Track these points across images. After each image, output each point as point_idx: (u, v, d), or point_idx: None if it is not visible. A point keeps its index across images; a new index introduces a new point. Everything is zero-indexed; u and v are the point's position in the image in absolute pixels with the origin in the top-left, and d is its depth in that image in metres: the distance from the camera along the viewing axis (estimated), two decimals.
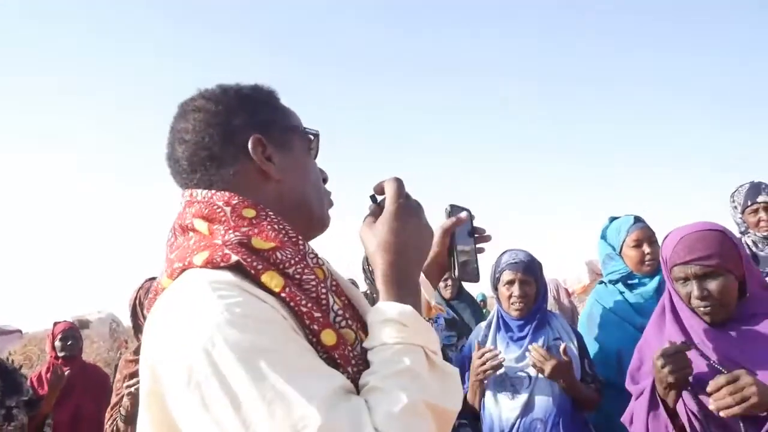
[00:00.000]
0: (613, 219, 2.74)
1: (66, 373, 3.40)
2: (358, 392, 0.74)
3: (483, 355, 2.29)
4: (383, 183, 0.94)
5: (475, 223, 1.33)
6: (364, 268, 2.93)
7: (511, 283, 2.38)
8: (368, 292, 2.93)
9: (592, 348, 2.51)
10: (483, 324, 2.56)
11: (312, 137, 1.03)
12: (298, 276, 0.81)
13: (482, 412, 2.35)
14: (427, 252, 0.92)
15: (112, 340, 10.17)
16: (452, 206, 1.31)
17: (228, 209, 0.87)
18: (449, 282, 3.88)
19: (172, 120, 0.97)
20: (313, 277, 0.83)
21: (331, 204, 1.05)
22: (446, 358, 2.65)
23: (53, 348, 3.81)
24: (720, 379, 1.42)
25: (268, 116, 0.96)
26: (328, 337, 0.77)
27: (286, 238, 0.86)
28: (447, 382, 0.77)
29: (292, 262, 0.82)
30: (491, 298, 6.97)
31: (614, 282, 2.62)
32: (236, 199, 0.88)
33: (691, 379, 1.54)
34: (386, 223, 0.87)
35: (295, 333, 0.75)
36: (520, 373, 2.31)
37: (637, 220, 2.64)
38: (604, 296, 2.63)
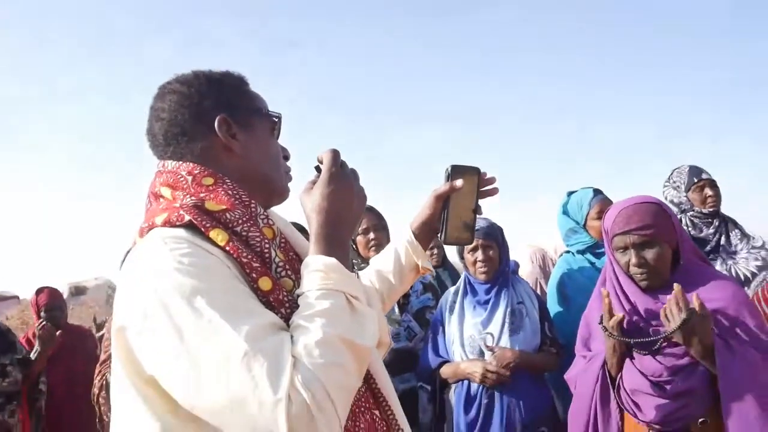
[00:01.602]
0: (570, 193, 2.84)
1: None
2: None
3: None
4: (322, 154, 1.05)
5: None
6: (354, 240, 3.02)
7: (474, 249, 2.50)
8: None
9: (561, 313, 2.63)
10: (452, 289, 2.68)
11: (275, 120, 1.15)
12: (244, 233, 0.95)
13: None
14: (358, 213, 1.03)
15: (108, 306, 10.39)
16: (453, 167, 1.29)
17: (190, 178, 1.02)
18: (435, 251, 3.99)
19: (152, 100, 1.10)
20: (258, 234, 0.96)
21: (289, 178, 1.17)
22: (424, 318, 2.77)
23: (38, 317, 3.86)
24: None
25: (234, 99, 1.09)
26: (265, 284, 0.91)
27: (237, 202, 1.00)
28: (363, 323, 0.89)
29: (240, 221, 0.96)
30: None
31: (582, 252, 2.74)
32: (198, 169, 1.03)
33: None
34: (319, 188, 0.99)
35: (237, 280, 0.88)
36: (485, 335, 2.43)
37: (597, 192, 2.74)
38: (572, 264, 2.74)
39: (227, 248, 0.91)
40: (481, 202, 1.32)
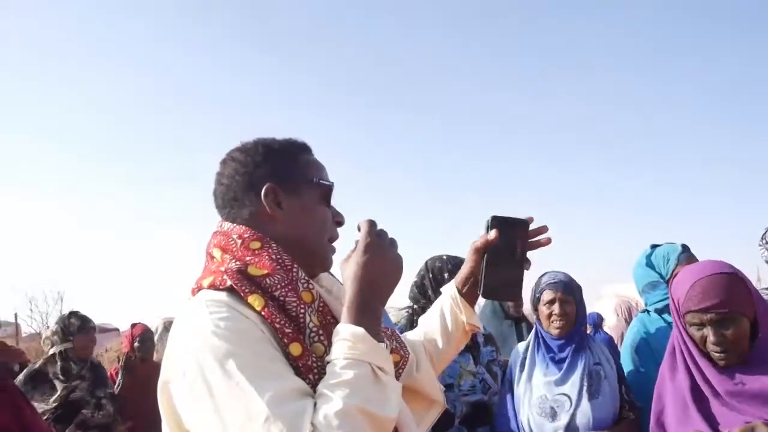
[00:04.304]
0: (654, 246, 2.70)
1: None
2: None
3: None
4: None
5: (534, 225, 1.25)
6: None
7: (551, 302, 2.42)
8: (415, 306, 3.04)
9: (635, 377, 2.49)
10: (521, 345, 2.60)
11: (326, 188, 1.19)
12: (282, 298, 1.01)
13: None
14: (394, 281, 1.06)
15: None
16: (493, 218, 1.25)
17: (239, 241, 1.10)
18: (520, 302, 3.89)
19: (219, 164, 1.20)
20: (295, 299, 1.02)
21: (333, 249, 1.20)
22: (493, 372, 2.72)
23: (132, 348, 4.22)
24: (735, 431, 1.44)
25: (287, 168, 1.16)
26: (295, 349, 0.96)
27: (279, 267, 1.05)
28: (386, 394, 0.92)
29: (279, 286, 1.02)
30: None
31: (660, 311, 2.57)
32: (248, 233, 1.10)
33: None
34: (355, 258, 1.03)
35: (269, 344, 0.94)
36: (559, 396, 2.34)
37: (685, 248, 2.60)
38: (648, 325, 2.58)
39: (263, 313, 0.96)
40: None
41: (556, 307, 2.40)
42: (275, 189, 1.13)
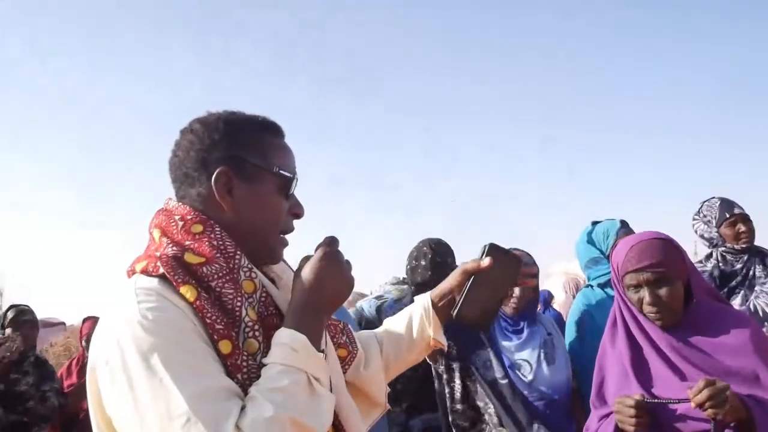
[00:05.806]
0: (595, 223, 2.80)
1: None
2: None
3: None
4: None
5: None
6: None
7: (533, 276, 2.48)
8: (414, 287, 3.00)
9: (580, 349, 2.58)
10: None
11: (287, 179, 1.09)
12: (218, 289, 0.95)
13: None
14: (341, 296, 1.03)
15: None
16: (491, 246, 1.24)
17: (181, 223, 1.01)
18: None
19: (179, 132, 1.09)
20: (232, 290, 0.96)
21: (284, 242, 1.13)
22: None
23: (81, 345, 4.16)
24: (701, 383, 1.48)
25: (245, 152, 1.06)
26: (224, 347, 0.90)
27: (218, 254, 0.98)
28: (320, 405, 0.90)
29: (216, 276, 0.95)
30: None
31: (603, 285, 2.67)
32: (191, 215, 1.02)
33: None
34: (310, 264, 1.01)
35: (199, 337, 0.89)
36: (519, 361, 2.45)
37: (624, 224, 2.70)
38: (591, 299, 2.68)
39: (195, 305, 0.91)
40: None
41: (531, 283, 2.50)
42: (228, 173, 1.03)
